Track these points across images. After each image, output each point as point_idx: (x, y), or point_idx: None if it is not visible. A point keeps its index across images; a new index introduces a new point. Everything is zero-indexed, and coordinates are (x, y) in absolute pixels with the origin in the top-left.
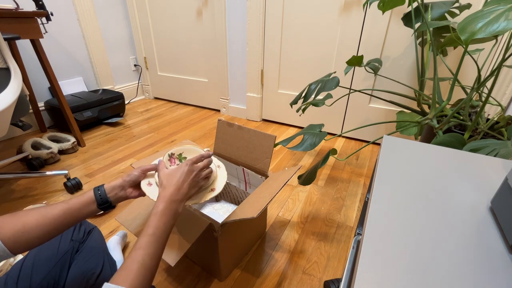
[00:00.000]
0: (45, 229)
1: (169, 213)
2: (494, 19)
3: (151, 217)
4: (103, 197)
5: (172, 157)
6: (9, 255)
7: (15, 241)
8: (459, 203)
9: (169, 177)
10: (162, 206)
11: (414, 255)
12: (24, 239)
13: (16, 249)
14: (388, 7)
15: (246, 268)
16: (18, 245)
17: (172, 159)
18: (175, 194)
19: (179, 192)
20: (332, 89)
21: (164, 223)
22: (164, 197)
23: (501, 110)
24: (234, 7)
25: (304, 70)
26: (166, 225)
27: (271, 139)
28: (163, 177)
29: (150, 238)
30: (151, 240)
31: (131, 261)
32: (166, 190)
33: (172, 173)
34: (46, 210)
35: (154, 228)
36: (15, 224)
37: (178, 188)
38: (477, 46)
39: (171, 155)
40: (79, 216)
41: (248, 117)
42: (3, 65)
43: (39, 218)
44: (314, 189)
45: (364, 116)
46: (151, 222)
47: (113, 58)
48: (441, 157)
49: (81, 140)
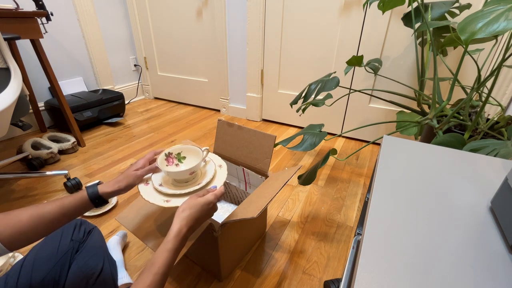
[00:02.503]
0: (39, 227)
1: (181, 248)
2: (494, 19)
3: (164, 253)
4: (95, 193)
5: (170, 156)
6: (5, 252)
7: (11, 238)
8: (459, 203)
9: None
10: (177, 244)
11: (414, 255)
12: (19, 236)
13: (12, 245)
14: (388, 7)
15: (246, 268)
16: (14, 241)
17: (169, 159)
18: (191, 231)
19: (195, 229)
20: (332, 89)
21: (174, 260)
22: (182, 234)
23: (501, 110)
24: (234, 7)
25: (304, 70)
26: (175, 260)
27: (271, 139)
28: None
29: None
30: (158, 280)
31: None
32: (185, 227)
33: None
34: (39, 208)
35: (166, 266)
36: (9, 222)
37: (197, 226)
38: (477, 46)
39: (168, 154)
40: (73, 213)
41: (248, 117)
42: (3, 65)
43: (34, 215)
44: (314, 189)
45: (364, 116)
46: (163, 259)
47: (113, 58)
48: (441, 157)
49: (81, 140)
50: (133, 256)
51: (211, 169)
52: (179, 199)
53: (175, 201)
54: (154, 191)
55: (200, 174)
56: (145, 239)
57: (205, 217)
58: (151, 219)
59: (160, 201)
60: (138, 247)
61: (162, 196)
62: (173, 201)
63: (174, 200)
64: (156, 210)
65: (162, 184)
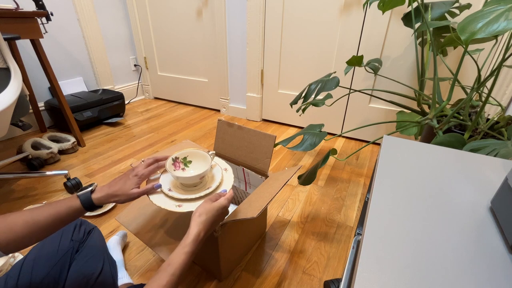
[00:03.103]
0: (34, 233)
1: (197, 252)
2: (494, 19)
3: (182, 255)
4: (88, 201)
5: (177, 161)
6: (1, 254)
7: (5, 243)
8: (459, 203)
9: (213, 217)
10: (195, 248)
11: (414, 255)
12: (14, 241)
13: (7, 249)
14: (388, 7)
15: (246, 268)
16: (9, 246)
17: (176, 163)
18: (208, 235)
19: (211, 232)
20: (332, 89)
21: (190, 263)
22: (200, 238)
23: (501, 110)
24: (234, 7)
25: (304, 70)
26: (190, 263)
27: (271, 139)
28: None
29: (174, 278)
30: (174, 281)
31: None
32: (203, 231)
33: (214, 213)
34: (33, 214)
35: (182, 269)
36: (4, 227)
37: (212, 230)
38: (477, 46)
39: (175, 159)
40: (68, 220)
41: (248, 117)
42: (3, 65)
43: (28, 222)
44: (314, 189)
45: (364, 116)
46: (180, 262)
47: (113, 58)
48: (441, 157)
49: (81, 140)
50: (133, 256)
51: (218, 173)
52: (192, 204)
53: (187, 206)
54: (164, 196)
55: (207, 178)
56: (145, 239)
57: (219, 221)
58: (151, 219)
59: (172, 206)
60: (138, 247)
61: (174, 201)
62: (185, 206)
63: (186, 205)
64: (156, 210)
65: (171, 189)
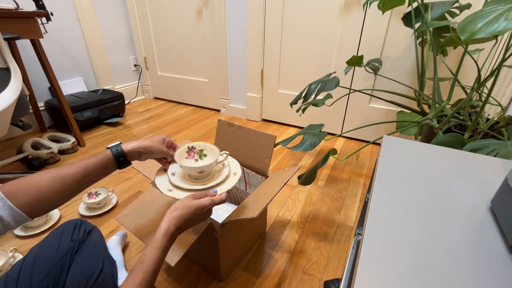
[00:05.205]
0: (61, 190)
1: (169, 246)
2: (494, 19)
3: (153, 251)
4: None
5: (192, 150)
6: (27, 219)
7: (32, 205)
8: (459, 203)
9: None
10: (166, 243)
11: (414, 255)
12: (40, 202)
13: (34, 212)
14: (388, 7)
15: (246, 268)
16: (36, 208)
17: (191, 152)
18: (180, 232)
19: (184, 230)
20: (332, 89)
21: (163, 258)
22: (170, 233)
23: (501, 110)
24: (234, 7)
25: (304, 70)
26: (164, 258)
27: (271, 139)
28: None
29: (148, 275)
30: (148, 278)
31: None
32: (173, 226)
33: (190, 211)
34: (60, 170)
35: (155, 265)
36: (30, 188)
37: (187, 227)
38: (477, 46)
39: (191, 148)
40: (96, 174)
41: (248, 117)
42: (3, 65)
43: (55, 178)
44: (314, 189)
45: (364, 116)
46: (153, 258)
47: (113, 58)
48: (441, 157)
49: (81, 140)
50: (133, 256)
51: (224, 174)
52: (181, 193)
53: (176, 193)
54: (166, 178)
55: (211, 176)
56: (145, 239)
57: (197, 220)
58: (151, 219)
59: (164, 189)
60: (138, 247)
61: (168, 185)
62: (175, 192)
63: (176, 192)
64: (157, 210)
65: (175, 174)
